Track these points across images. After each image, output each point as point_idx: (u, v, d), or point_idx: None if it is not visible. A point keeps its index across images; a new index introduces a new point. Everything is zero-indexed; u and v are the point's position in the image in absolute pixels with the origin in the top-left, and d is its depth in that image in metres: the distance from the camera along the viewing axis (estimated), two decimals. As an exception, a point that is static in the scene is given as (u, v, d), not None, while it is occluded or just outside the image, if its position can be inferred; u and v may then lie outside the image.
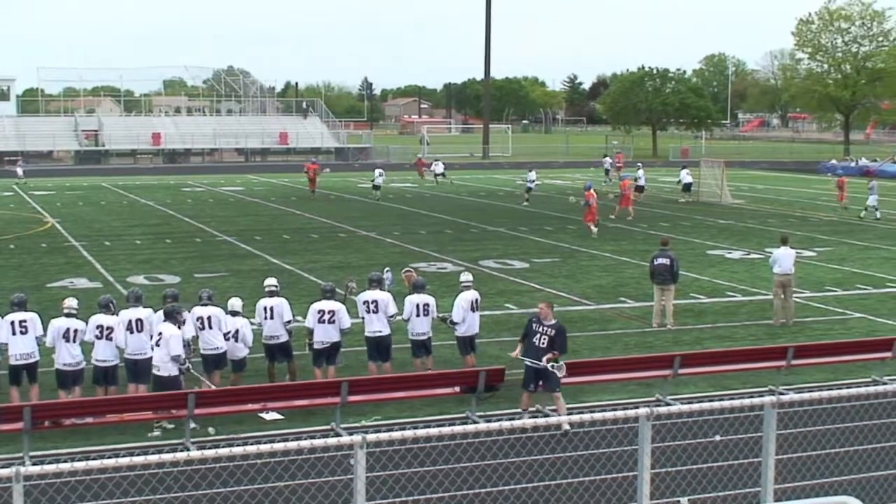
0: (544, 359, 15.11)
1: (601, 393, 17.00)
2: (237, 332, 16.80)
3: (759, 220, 43.66)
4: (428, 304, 17.80)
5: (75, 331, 15.89)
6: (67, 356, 15.82)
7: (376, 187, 53.17)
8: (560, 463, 13.38)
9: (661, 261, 22.53)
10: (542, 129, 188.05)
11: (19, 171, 66.02)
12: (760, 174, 75.11)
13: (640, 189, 51.10)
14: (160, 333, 15.24)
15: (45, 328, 15.99)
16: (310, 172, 54.85)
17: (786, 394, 15.94)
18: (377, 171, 54.46)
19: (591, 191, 38.97)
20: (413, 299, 17.79)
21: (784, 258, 23.01)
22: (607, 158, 68.88)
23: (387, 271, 19.09)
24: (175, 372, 15.16)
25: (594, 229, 37.73)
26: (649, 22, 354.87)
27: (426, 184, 63.28)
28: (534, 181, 54.19)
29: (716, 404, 9.56)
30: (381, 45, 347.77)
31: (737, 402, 9.73)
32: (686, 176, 52.56)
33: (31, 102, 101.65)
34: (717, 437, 14.32)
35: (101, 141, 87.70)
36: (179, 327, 15.34)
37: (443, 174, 63.45)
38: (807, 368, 17.95)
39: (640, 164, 55.75)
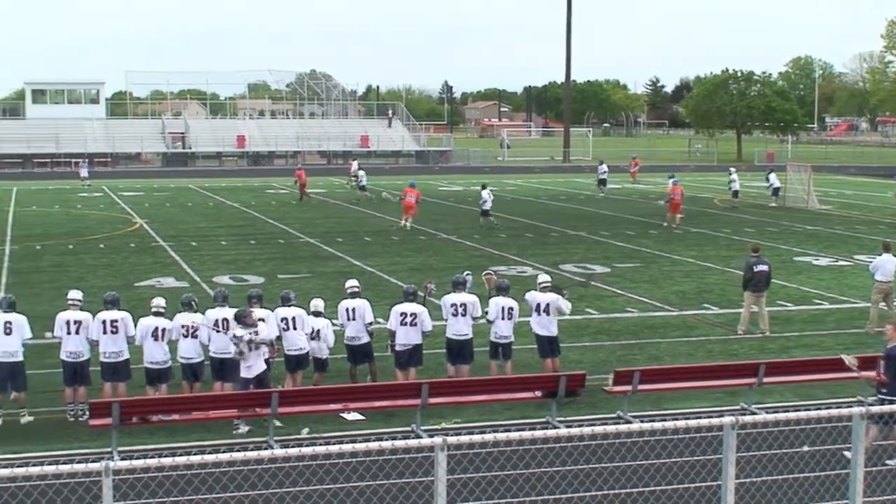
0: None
1: (684, 400, 16.82)
2: (319, 332, 16.96)
3: (847, 226, 42.87)
4: (512, 308, 17.79)
5: (163, 329, 16.17)
6: (155, 354, 16.10)
7: (362, 188, 54.40)
8: (642, 470, 13.28)
9: (761, 268, 22.21)
10: (624, 133, 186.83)
11: (83, 172, 66.74)
12: (848, 179, 73.79)
13: (735, 194, 50.51)
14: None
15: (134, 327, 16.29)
16: (300, 179, 54.62)
17: (874, 405, 15.64)
18: (361, 172, 55.90)
19: (677, 185, 41.66)
20: (498, 301, 17.80)
21: (886, 265, 22.59)
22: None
23: (467, 274, 19.12)
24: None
25: (677, 218, 40.45)
26: (733, 24, 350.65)
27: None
28: (605, 172, 56.46)
29: (802, 414, 9.43)
30: (461, 48, 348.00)
31: (824, 413, 9.58)
32: (775, 180, 51.83)
33: (120, 105, 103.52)
34: (805, 448, 14.10)
35: (187, 143, 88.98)
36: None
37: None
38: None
39: (732, 169, 54.33)
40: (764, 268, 22.28)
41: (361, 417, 15.73)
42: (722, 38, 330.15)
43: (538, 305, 18.03)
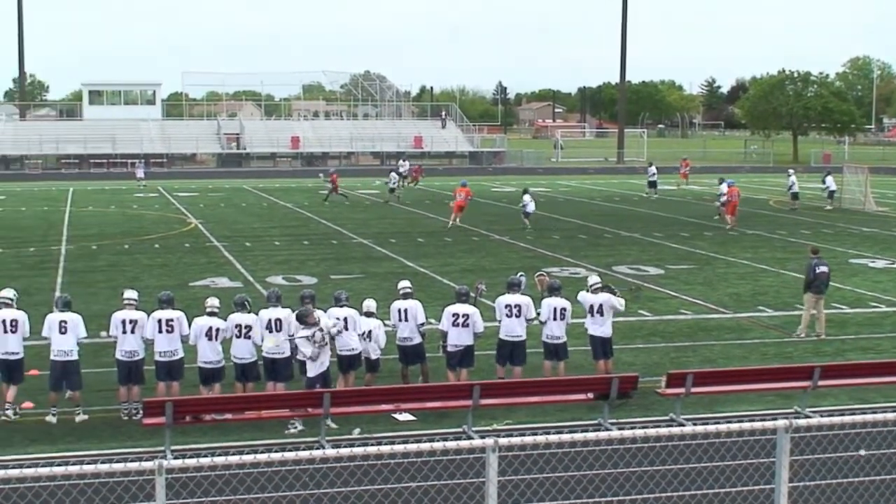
0: None
1: (737, 403, 16.68)
2: (371, 333, 17.00)
3: (905, 228, 42.34)
4: (565, 309, 17.73)
5: (217, 329, 16.28)
6: (209, 354, 16.22)
7: (391, 190, 54.38)
8: (695, 473, 13.17)
9: (822, 269, 21.97)
10: (679, 134, 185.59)
11: (139, 172, 67.27)
12: (906, 181, 72.81)
13: (795, 196, 49.96)
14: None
15: (188, 326, 16.43)
16: (333, 182, 54.81)
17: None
18: (394, 174, 55.82)
19: (734, 187, 42.23)
20: (551, 302, 17.75)
21: None
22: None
23: (520, 275, 19.09)
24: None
25: (730, 220, 40.82)
26: (790, 24, 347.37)
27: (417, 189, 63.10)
28: (655, 174, 57.17)
29: (858, 418, 9.31)
30: (515, 48, 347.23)
31: (880, 416, 9.44)
32: (831, 182, 51.17)
33: (176, 106, 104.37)
34: (862, 452, 13.92)
35: (242, 144, 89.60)
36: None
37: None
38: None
39: (791, 171, 53.33)
40: (824, 269, 22.05)
41: (413, 418, 15.76)
42: (779, 38, 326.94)
43: (591, 307, 17.98)
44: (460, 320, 17.21)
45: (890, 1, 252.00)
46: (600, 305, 17.93)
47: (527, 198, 42.21)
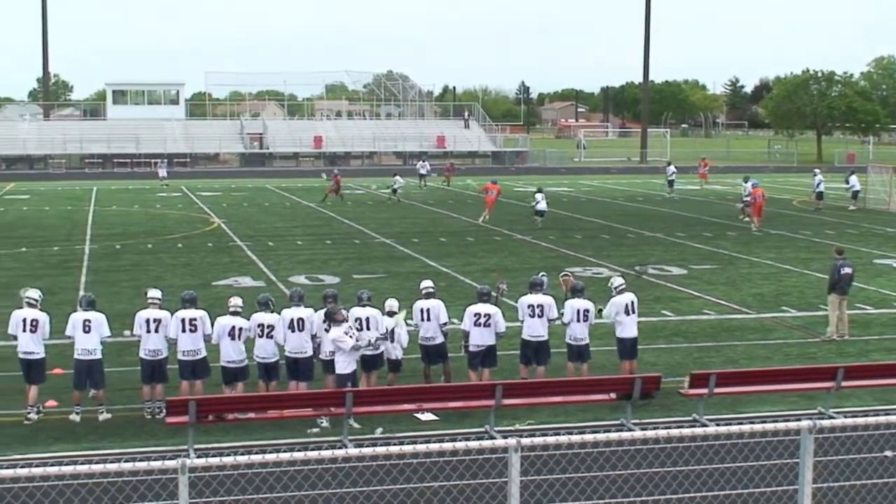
0: None
1: (760, 404, 16.62)
2: (393, 332, 17.00)
3: (930, 228, 42.05)
4: (588, 310, 17.68)
5: (240, 329, 16.31)
6: (232, 353, 16.25)
7: (394, 191, 54.55)
8: (718, 474, 13.13)
9: (847, 270, 21.85)
10: (702, 133, 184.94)
11: (162, 172, 67.41)
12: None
13: (819, 196, 49.64)
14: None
15: (211, 326, 16.47)
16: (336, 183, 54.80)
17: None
18: (398, 177, 56.23)
19: (758, 188, 42.30)
20: (574, 304, 17.70)
21: None
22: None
23: (542, 275, 19.06)
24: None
25: (755, 222, 40.65)
26: (814, 23, 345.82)
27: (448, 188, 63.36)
28: (674, 173, 57.77)
29: (882, 419, 9.26)
30: (538, 48, 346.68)
31: (905, 417, 9.38)
32: (855, 182, 50.83)
33: (199, 106, 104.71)
34: (888, 453, 13.83)
35: (265, 144, 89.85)
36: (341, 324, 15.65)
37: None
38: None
39: (816, 171, 52.81)
40: (848, 270, 21.93)
41: (435, 418, 15.76)
42: (803, 37, 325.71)
43: (626, 307, 17.85)
44: (482, 320, 17.20)
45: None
46: (632, 303, 17.87)
47: (539, 196, 42.84)
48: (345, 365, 15.54)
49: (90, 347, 15.98)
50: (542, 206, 42.67)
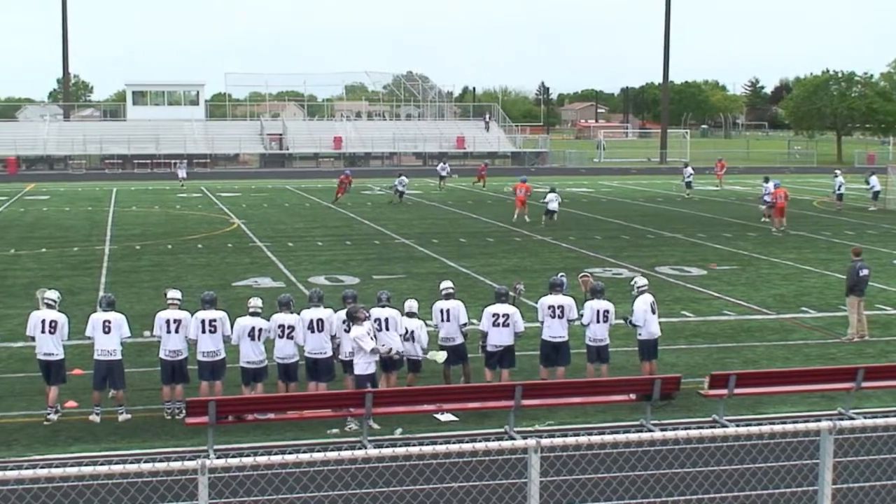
0: None
1: (780, 405, 16.57)
2: (412, 333, 17.00)
3: (952, 229, 41.81)
4: (608, 311, 17.63)
5: (259, 329, 16.34)
6: (252, 354, 16.27)
7: (400, 193, 54.19)
8: (738, 475, 13.10)
9: (865, 272, 21.76)
10: (722, 134, 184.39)
11: (181, 173, 67.58)
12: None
13: (840, 197, 49.35)
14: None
15: (231, 326, 16.51)
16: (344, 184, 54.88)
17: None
18: (403, 178, 55.81)
19: (780, 188, 42.17)
20: (593, 305, 17.66)
21: None
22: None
23: (561, 276, 19.05)
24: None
25: (776, 222, 40.66)
26: (834, 24, 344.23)
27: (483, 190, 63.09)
28: (691, 174, 58.06)
29: (903, 420, 9.21)
30: (558, 49, 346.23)
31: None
32: (875, 182, 50.54)
33: (219, 107, 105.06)
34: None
35: (285, 144, 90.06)
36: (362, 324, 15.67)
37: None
38: None
39: (837, 172, 52.22)
40: (866, 272, 21.85)
41: (455, 418, 15.76)
42: (823, 38, 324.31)
43: (652, 307, 17.79)
44: (500, 320, 17.19)
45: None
46: (652, 303, 17.80)
47: (551, 196, 43.21)
48: (365, 366, 15.56)
49: (110, 348, 16.03)
50: (554, 206, 42.87)
